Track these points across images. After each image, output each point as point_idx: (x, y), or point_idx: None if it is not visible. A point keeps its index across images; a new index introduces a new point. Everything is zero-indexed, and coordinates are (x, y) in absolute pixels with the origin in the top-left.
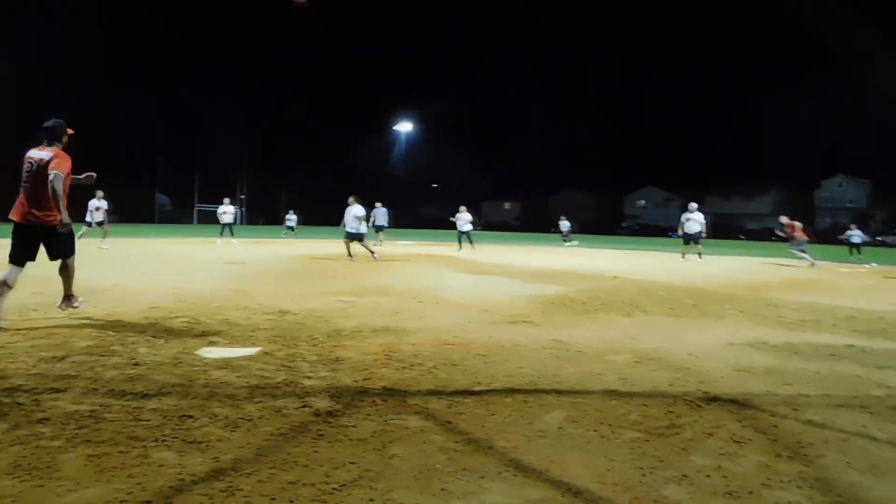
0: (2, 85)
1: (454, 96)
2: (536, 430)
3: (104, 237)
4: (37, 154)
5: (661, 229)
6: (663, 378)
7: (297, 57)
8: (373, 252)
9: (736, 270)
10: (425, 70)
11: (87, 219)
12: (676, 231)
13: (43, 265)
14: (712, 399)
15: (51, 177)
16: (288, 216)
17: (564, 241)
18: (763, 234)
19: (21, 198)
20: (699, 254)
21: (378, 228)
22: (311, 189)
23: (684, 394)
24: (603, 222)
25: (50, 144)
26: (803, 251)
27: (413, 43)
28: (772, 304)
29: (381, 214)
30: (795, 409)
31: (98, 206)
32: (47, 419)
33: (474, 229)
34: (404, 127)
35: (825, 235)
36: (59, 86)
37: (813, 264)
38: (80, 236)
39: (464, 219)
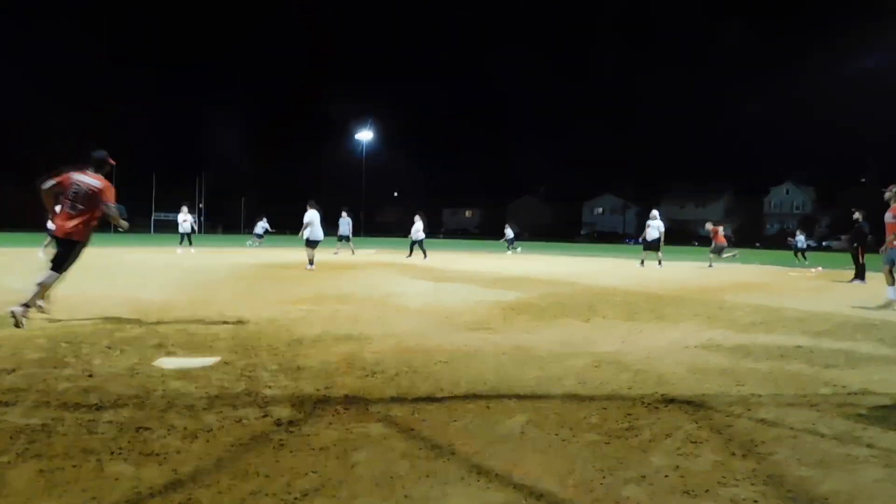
0: None
1: (416, 103)
2: (498, 434)
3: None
4: (85, 179)
5: (619, 236)
6: (622, 381)
7: (261, 63)
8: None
9: (690, 275)
10: (387, 74)
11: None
12: (636, 238)
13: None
14: (669, 400)
15: (108, 209)
16: (260, 222)
17: (509, 249)
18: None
19: (62, 213)
20: (659, 260)
21: (341, 238)
22: (271, 197)
23: (642, 396)
24: (561, 229)
25: (97, 172)
26: (723, 253)
27: (380, 47)
28: (725, 307)
29: (344, 224)
30: (748, 409)
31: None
32: None
33: (427, 237)
34: (365, 135)
35: (773, 241)
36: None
37: (734, 256)
38: (46, 245)
39: (417, 227)
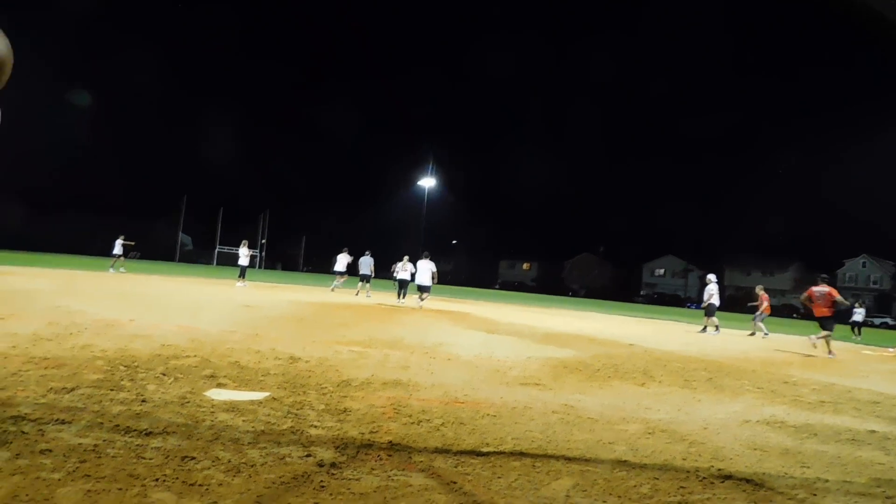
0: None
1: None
2: (543, 496)
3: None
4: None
5: (679, 299)
6: (676, 451)
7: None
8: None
9: (754, 346)
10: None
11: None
12: (697, 302)
13: (65, 295)
14: (726, 477)
15: None
16: (341, 257)
17: None
18: (783, 311)
19: None
20: (716, 326)
21: (363, 278)
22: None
23: (697, 469)
24: (619, 289)
25: None
26: (757, 320)
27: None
28: (790, 383)
29: (365, 263)
30: (813, 494)
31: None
32: (50, 450)
33: (483, 288)
34: (427, 182)
35: (846, 316)
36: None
37: (766, 335)
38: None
39: (407, 269)
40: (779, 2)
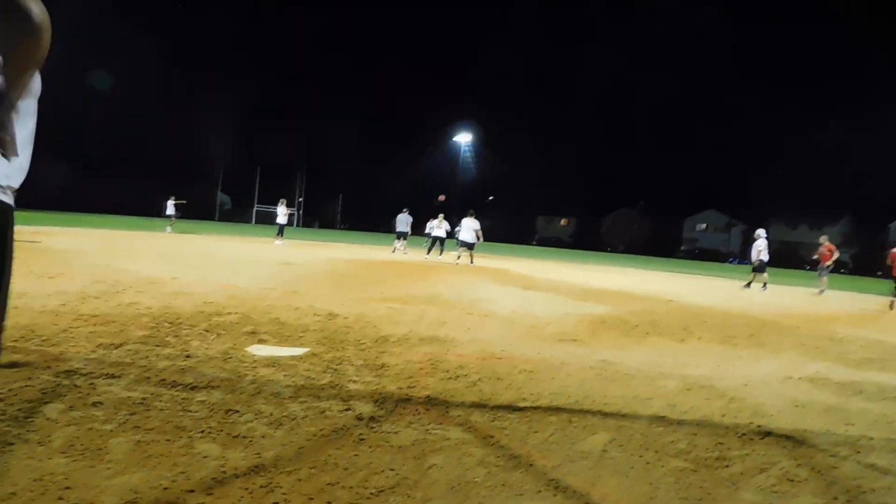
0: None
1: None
2: (579, 451)
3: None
4: None
5: (722, 255)
6: (714, 408)
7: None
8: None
9: (798, 301)
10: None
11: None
12: (739, 257)
13: (108, 255)
14: (766, 433)
15: None
16: (403, 218)
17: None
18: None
19: None
20: (763, 283)
21: (400, 235)
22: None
23: (736, 426)
24: (659, 245)
25: None
26: (822, 275)
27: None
28: (835, 339)
29: (402, 220)
30: (857, 451)
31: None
32: (101, 403)
33: (520, 244)
34: (464, 138)
35: None
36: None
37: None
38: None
39: (443, 226)
40: None
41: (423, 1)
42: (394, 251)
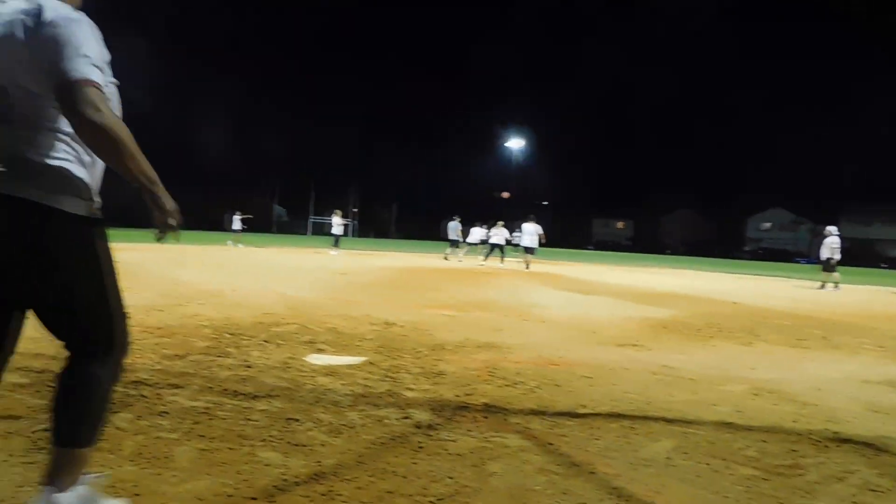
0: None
1: (569, 113)
2: (642, 458)
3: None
4: None
5: (789, 254)
6: (785, 413)
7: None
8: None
9: (875, 301)
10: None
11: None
12: (808, 257)
13: (171, 267)
14: (843, 440)
15: None
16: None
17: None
18: None
19: None
20: (835, 283)
21: (452, 243)
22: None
23: (809, 432)
24: (722, 245)
25: None
26: None
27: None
28: None
29: (452, 228)
30: None
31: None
32: (167, 412)
33: (575, 249)
34: (516, 144)
35: None
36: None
37: None
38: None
39: (502, 233)
40: None
41: (488, 4)
42: (445, 258)
